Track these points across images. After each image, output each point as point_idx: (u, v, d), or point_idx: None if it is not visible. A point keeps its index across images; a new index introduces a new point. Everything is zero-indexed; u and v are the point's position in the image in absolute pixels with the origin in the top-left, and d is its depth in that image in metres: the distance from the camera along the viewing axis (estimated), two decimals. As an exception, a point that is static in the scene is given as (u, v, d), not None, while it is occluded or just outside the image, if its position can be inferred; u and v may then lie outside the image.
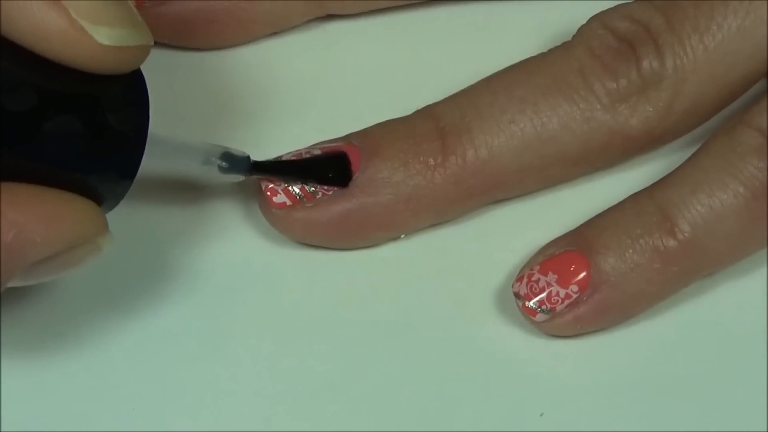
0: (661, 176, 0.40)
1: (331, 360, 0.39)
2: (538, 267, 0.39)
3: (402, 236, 0.41)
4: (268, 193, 0.39)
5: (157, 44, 0.43)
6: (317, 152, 0.40)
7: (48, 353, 0.39)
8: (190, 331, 0.39)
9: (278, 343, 0.39)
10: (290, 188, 0.39)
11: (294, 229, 0.40)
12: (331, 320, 0.39)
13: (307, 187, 0.39)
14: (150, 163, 0.36)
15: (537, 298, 0.38)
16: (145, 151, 0.35)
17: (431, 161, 0.39)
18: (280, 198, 0.39)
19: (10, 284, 0.35)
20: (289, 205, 0.39)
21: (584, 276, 0.38)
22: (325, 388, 0.38)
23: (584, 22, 0.41)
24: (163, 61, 0.43)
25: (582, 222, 0.40)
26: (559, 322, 0.38)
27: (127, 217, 0.40)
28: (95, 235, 0.35)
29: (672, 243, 0.38)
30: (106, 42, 0.33)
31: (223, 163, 0.39)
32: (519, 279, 0.39)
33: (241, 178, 0.39)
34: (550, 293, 0.38)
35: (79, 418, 0.38)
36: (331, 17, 0.44)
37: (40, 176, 0.34)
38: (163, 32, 0.43)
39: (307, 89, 0.43)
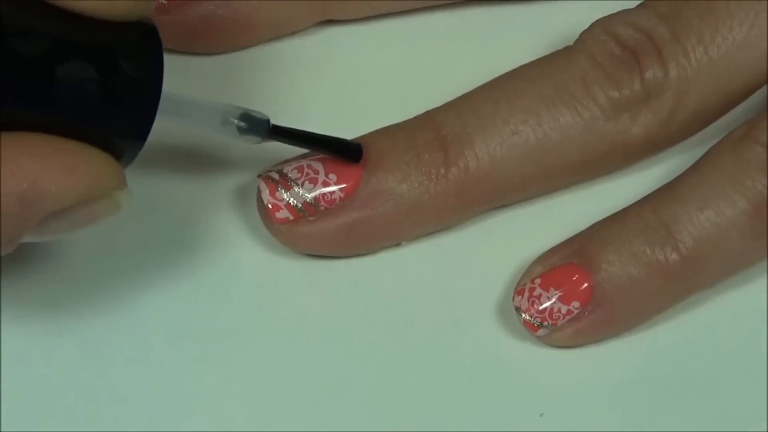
0: (660, 179, 0.40)
1: (331, 365, 0.39)
2: (539, 280, 0.39)
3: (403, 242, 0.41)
4: (270, 207, 0.39)
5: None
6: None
7: (48, 353, 0.39)
8: (190, 332, 0.39)
9: (279, 346, 0.39)
10: (291, 202, 0.39)
11: (297, 243, 0.40)
12: (331, 326, 0.40)
13: (307, 199, 0.39)
14: (167, 121, 0.35)
15: (539, 314, 0.38)
16: (161, 107, 0.35)
17: (433, 172, 0.39)
18: (283, 213, 0.39)
19: (26, 239, 0.34)
20: (292, 220, 0.39)
21: (586, 293, 0.38)
22: (326, 393, 0.39)
23: (585, 25, 0.40)
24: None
25: (581, 226, 0.40)
26: (560, 336, 0.39)
27: (127, 217, 0.40)
28: (113, 189, 0.34)
29: (675, 260, 0.38)
30: None
31: (242, 124, 0.38)
32: (520, 292, 0.39)
33: (258, 141, 0.38)
34: (551, 310, 0.38)
35: (79, 418, 0.38)
36: (331, 21, 0.44)
37: (55, 126, 0.33)
38: (168, 39, 0.42)
39: (307, 93, 0.43)
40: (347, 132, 0.40)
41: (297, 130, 0.39)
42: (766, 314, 0.40)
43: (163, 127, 0.36)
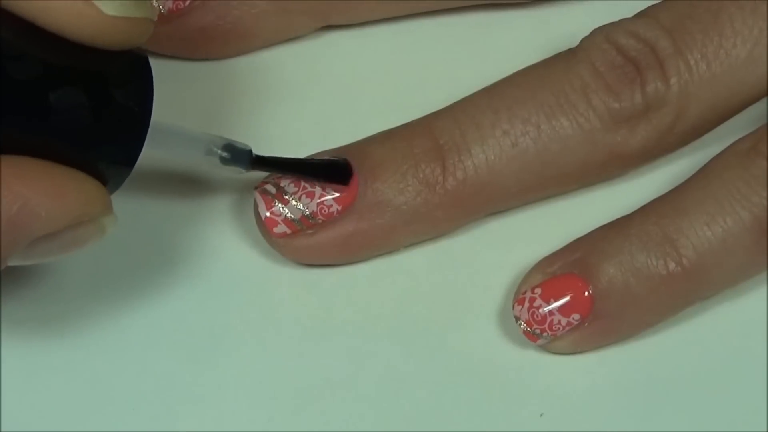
0: (659, 182, 0.40)
1: (331, 370, 0.39)
2: (539, 290, 0.38)
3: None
4: (267, 221, 0.39)
5: (159, 55, 0.43)
6: (323, 157, 0.39)
7: (49, 353, 0.39)
8: (189, 339, 0.39)
9: (279, 351, 0.39)
10: (288, 216, 0.39)
11: (295, 256, 0.40)
12: (330, 331, 0.40)
13: (304, 213, 0.39)
14: (152, 150, 0.35)
15: (538, 325, 0.38)
16: (148, 136, 0.35)
17: (431, 183, 0.39)
18: (280, 228, 0.39)
19: (12, 262, 0.34)
20: (289, 234, 0.39)
21: (587, 305, 0.38)
22: (326, 398, 0.39)
23: (584, 30, 0.40)
24: (162, 68, 0.42)
25: (580, 228, 0.40)
26: (559, 344, 0.39)
27: (129, 217, 0.40)
28: (99, 215, 0.35)
29: (678, 274, 0.38)
30: (111, 12, 0.33)
31: (225, 154, 0.38)
32: (520, 301, 0.39)
33: (242, 171, 0.38)
34: (551, 321, 0.38)
35: (79, 418, 0.38)
36: (330, 25, 0.44)
37: (46, 150, 0.34)
38: (169, 47, 0.42)
39: (306, 97, 0.43)
40: (347, 136, 0.40)
41: (280, 158, 0.39)
42: (766, 316, 0.40)
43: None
